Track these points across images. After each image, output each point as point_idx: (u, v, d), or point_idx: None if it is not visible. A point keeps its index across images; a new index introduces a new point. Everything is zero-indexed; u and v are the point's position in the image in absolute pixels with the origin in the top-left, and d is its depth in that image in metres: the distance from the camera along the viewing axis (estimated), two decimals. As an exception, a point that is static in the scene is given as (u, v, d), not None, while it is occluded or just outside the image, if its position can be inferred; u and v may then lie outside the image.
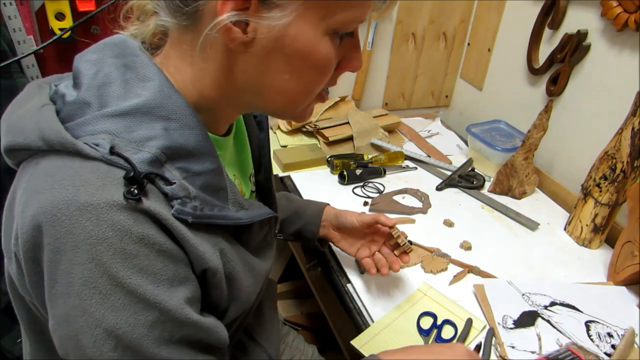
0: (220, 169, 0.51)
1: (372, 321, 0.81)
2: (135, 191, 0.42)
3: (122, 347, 0.43)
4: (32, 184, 0.43)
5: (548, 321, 0.83)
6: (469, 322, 0.80)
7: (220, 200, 0.51)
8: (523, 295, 0.88)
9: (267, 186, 0.71)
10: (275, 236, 0.66)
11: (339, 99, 1.39)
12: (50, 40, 0.98)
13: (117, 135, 0.44)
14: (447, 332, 0.79)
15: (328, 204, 0.90)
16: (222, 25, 0.43)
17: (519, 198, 1.18)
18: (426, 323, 0.81)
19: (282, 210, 0.87)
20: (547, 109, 1.08)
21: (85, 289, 0.41)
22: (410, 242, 0.80)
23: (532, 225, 1.08)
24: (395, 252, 0.82)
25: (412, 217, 1.07)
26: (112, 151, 0.43)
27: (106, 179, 0.42)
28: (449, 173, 1.25)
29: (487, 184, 1.22)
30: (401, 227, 1.03)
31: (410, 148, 1.35)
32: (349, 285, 0.88)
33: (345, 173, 1.16)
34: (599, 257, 1.01)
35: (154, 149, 0.44)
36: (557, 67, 1.18)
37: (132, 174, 0.42)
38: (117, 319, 0.42)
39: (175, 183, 0.45)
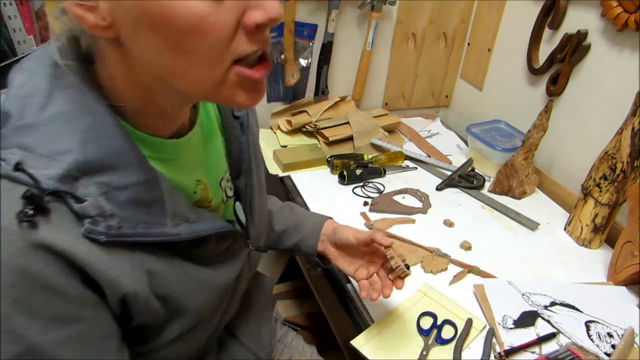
0: (152, 180, 0.46)
1: (372, 321, 0.81)
2: (31, 212, 0.39)
3: None
4: None
5: (548, 321, 0.83)
6: (469, 322, 0.80)
7: (155, 214, 0.46)
8: (523, 295, 0.88)
9: (248, 192, 0.65)
10: (246, 246, 0.63)
11: (339, 99, 1.39)
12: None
13: (29, 150, 0.41)
14: (447, 332, 0.79)
15: (330, 218, 0.84)
16: (73, 13, 0.39)
17: (519, 198, 1.18)
18: (426, 323, 0.81)
19: (283, 221, 0.84)
20: (547, 109, 1.08)
21: None
22: (407, 267, 0.72)
23: (532, 225, 1.08)
24: (390, 275, 0.74)
25: (412, 217, 1.08)
26: (18, 167, 0.40)
27: (5, 198, 0.39)
28: (449, 173, 1.25)
29: (487, 184, 1.22)
30: (401, 227, 1.04)
31: (410, 148, 1.35)
32: (349, 285, 0.88)
33: (345, 173, 1.16)
34: (599, 257, 1.01)
35: (66, 164, 0.41)
36: (557, 67, 1.18)
37: (29, 193, 0.39)
38: None
39: (86, 201, 0.41)
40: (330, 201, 1.11)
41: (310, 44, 1.32)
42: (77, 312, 0.43)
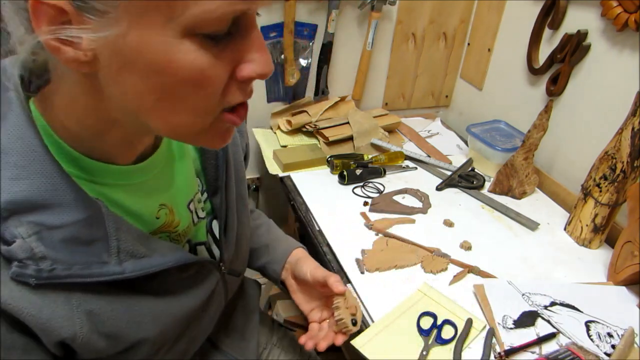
0: (93, 218, 0.43)
1: (372, 321, 0.81)
2: None
3: None
4: None
5: (548, 321, 0.83)
6: (469, 322, 0.80)
7: (94, 253, 0.44)
8: (523, 295, 0.88)
9: (224, 210, 0.62)
10: (218, 269, 0.61)
11: (339, 99, 1.39)
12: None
13: None
14: (447, 332, 0.79)
15: (301, 247, 0.81)
16: (50, 46, 0.36)
17: (519, 198, 1.18)
18: (426, 323, 0.81)
19: (257, 238, 0.82)
20: (547, 109, 1.08)
21: None
22: (354, 322, 0.66)
23: (532, 225, 1.08)
24: (334, 327, 0.68)
25: (412, 217, 1.08)
26: None
27: None
28: (449, 173, 1.25)
29: (487, 184, 1.22)
30: (401, 227, 1.04)
31: (410, 148, 1.35)
32: (349, 285, 0.88)
33: (345, 173, 1.16)
34: (599, 257, 1.01)
35: None
36: (557, 67, 1.18)
37: None
38: None
39: (14, 242, 0.39)
40: (330, 201, 1.11)
41: (310, 44, 1.32)
42: (5, 356, 0.42)
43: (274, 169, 1.22)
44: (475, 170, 1.28)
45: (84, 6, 0.35)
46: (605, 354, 0.77)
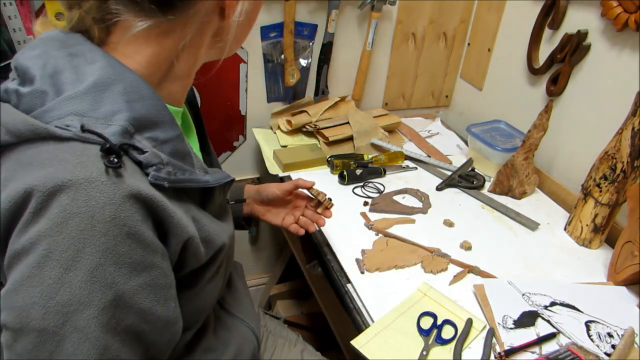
0: (182, 135, 0.53)
1: (372, 321, 0.81)
2: (116, 160, 0.43)
3: (69, 326, 0.42)
4: (7, 174, 0.44)
5: (548, 321, 0.83)
6: (469, 322, 0.80)
7: (189, 165, 0.53)
8: (523, 295, 0.88)
9: (214, 157, 0.75)
10: (227, 201, 0.67)
11: (339, 99, 1.39)
12: (50, 40, 0.98)
13: (84, 115, 0.45)
14: (447, 332, 0.79)
15: (246, 183, 0.94)
16: (225, 4, 0.51)
17: (519, 198, 1.18)
18: (426, 323, 0.81)
19: None
20: (547, 109, 1.08)
21: (47, 260, 0.41)
22: (330, 199, 0.85)
23: (532, 225, 1.08)
24: (318, 210, 0.86)
25: (412, 217, 1.08)
26: (84, 129, 0.44)
27: (83, 157, 0.43)
28: (449, 173, 1.25)
29: (487, 184, 1.22)
30: (401, 227, 1.04)
31: (410, 148, 1.35)
32: (349, 285, 0.88)
33: (345, 173, 1.16)
34: (599, 257, 1.01)
35: (122, 121, 0.46)
36: (557, 67, 1.18)
37: (107, 146, 0.43)
38: (70, 296, 0.42)
39: (147, 151, 0.46)
40: (330, 201, 1.11)
41: (310, 44, 1.32)
42: (151, 260, 0.46)
43: (274, 169, 1.22)
44: (475, 170, 1.28)
45: None
46: (606, 354, 0.77)
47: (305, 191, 0.87)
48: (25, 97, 0.46)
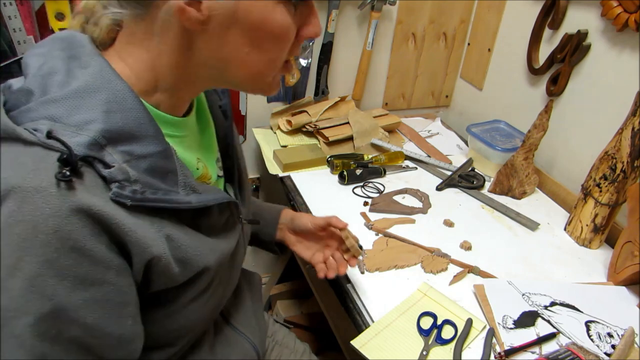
0: (167, 151, 0.50)
1: (372, 321, 0.81)
2: (67, 172, 0.42)
3: (6, 332, 0.42)
4: None
5: (548, 321, 0.83)
6: (469, 322, 0.80)
7: (169, 184, 0.50)
8: (523, 295, 0.88)
9: (236, 174, 0.71)
10: (239, 221, 0.66)
11: (339, 99, 1.39)
12: (50, 41, 0.98)
13: (57, 121, 0.44)
14: (447, 332, 0.79)
15: (285, 207, 0.89)
16: (177, 7, 0.45)
17: (519, 198, 1.18)
18: (426, 323, 0.81)
19: None
20: (547, 109, 1.08)
21: None
22: (361, 247, 0.80)
23: (532, 225, 1.08)
24: (345, 256, 0.81)
25: (412, 217, 1.08)
26: (50, 135, 0.43)
27: (40, 163, 0.42)
28: (449, 173, 1.25)
29: (487, 184, 1.22)
30: (401, 227, 1.04)
31: (410, 148, 1.35)
32: (349, 285, 0.88)
33: (345, 173, 1.16)
34: (599, 257, 1.01)
35: (93, 132, 0.44)
36: (557, 67, 1.18)
37: (64, 157, 0.42)
38: (9, 302, 0.42)
39: (114, 166, 0.45)
40: (330, 201, 1.11)
41: (310, 44, 1.32)
42: (101, 275, 0.45)
43: (274, 169, 1.22)
44: (475, 170, 1.28)
45: None
46: (606, 354, 0.77)
47: (337, 231, 0.80)
48: (13, 94, 0.47)
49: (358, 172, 1.17)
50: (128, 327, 0.49)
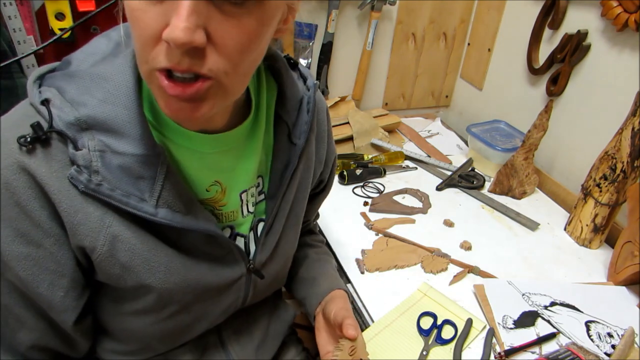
0: (151, 158, 0.48)
1: (372, 321, 0.81)
2: (29, 139, 0.45)
3: None
4: None
5: (548, 321, 0.83)
6: (469, 322, 0.80)
7: (137, 189, 0.48)
8: (523, 295, 0.88)
9: (270, 218, 0.62)
10: (247, 264, 0.61)
11: (339, 99, 1.39)
12: (51, 41, 0.98)
13: (62, 93, 0.47)
14: (447, 332, 0.79)
15: (344, 288, 0.76)
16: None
17: (519, 198, 1.18)
18: (426, 323, 0.81)
19: (310, 270, 0.79)
20: (547, 109, 1.08)
21: None
22: None
23: (532, 225, 1.08)
24: None
25: (412, 217, 1.08)
26: (44, 102, 0.47)
27: (23, 120, 0.46)
28: (449, 173, 1.25)
29: (487, 184, 1.22)
30: (401, 227, 1.04)
31: (410, 148, 1.35)
32: (349, 285, 0.88)
33: (345, 173, 1.16)
34: (599, 257, 1.01)
35: (79, 114, 0.46)
36: (557, 67, 1.18)
37: (37, 123, 0.45)
38: None
39: (80, 150, 0.46)
40: (330, 201, 1.10)
41: (310, 44, 1.32)
42: (40, 239, 0.48)
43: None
44: (475, 170, 1.28)
45: None
46: (606, 354, 0.77)
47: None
48: (64, 62, 0.51)
49: (358, 172, 1.17)
50: (59, 298, 0.51)
